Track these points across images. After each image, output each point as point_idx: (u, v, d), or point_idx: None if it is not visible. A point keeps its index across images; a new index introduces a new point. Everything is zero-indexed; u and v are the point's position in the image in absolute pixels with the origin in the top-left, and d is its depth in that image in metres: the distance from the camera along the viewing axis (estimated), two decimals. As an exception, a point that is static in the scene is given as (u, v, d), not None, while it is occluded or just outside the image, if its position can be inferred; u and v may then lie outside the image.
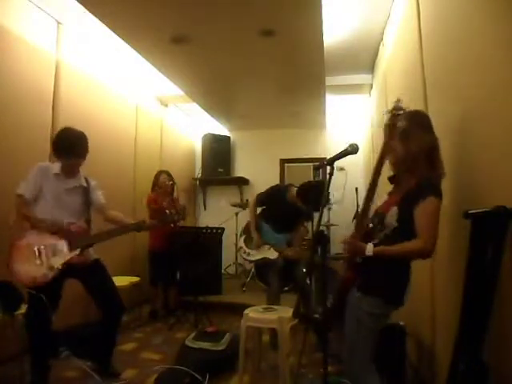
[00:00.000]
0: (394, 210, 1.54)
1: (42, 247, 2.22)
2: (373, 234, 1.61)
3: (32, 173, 2.34)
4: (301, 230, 3.36)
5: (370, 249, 1.50)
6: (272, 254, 3.26)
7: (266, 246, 3.30)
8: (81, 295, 3.37)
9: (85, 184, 2.52)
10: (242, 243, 3.49)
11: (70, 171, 2.45)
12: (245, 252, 3.40)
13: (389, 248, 1.50)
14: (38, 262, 2.19)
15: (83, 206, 2.49)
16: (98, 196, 2.60)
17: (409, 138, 1.55)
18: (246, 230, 3.51)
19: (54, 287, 2.24)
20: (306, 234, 3.49)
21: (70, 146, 2.38)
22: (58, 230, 2.29)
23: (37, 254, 2.20)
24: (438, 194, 1.47)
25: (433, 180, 1.50)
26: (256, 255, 3.33)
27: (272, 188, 3.43)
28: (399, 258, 1.52)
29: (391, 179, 1.72)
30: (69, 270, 2.28)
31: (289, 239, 3.30)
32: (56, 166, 2.43)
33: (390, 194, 1.72)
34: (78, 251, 2.30)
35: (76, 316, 3.22)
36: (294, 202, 3.17)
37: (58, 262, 2.21)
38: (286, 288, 4.60)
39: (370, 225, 1.66)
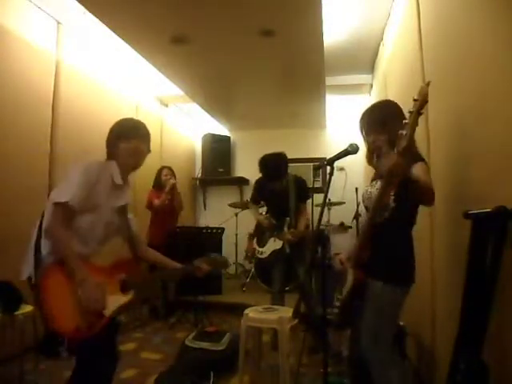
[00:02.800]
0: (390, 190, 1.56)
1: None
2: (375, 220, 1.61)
3: (80, 175, 1.62)
4: (303, 213, 3.26)
5: (412, 171, 1.45)
6: (279, 245, 3.25)
7: (271, 240, 3.30)
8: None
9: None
10: (255, 245, 3.51)
11: (128, 168, 1.80)
12: (258, 252, 3.41)
13: (420, 178, 1.46)
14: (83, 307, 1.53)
15: (120, 230, 1.85)
16: (131, 220, 1.94)
17: (386, 126, 1.63)
18: (256, 232, 3.54)
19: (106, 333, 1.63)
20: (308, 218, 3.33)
21: (133, 125, 1.85)
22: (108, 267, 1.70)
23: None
24: (422, 159, 1.58)
25: (415, 150, 1.57)
26: (266, 252, 3.33)
27: (255, 183, 3.49)
28: (423, 188, 1.44)
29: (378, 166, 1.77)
30: None
31: (288, 224, 3.25)
32: (115, 170, 1.74)
33: (375, 179, 1.74)
34: (131, 294, 1.70)
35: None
36: (281, 188, 3.20)
37: (109, 309, 1.59)
38: (287, 288, 4.61)
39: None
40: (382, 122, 1.65)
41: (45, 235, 1.57)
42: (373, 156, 1.75)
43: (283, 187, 3.21)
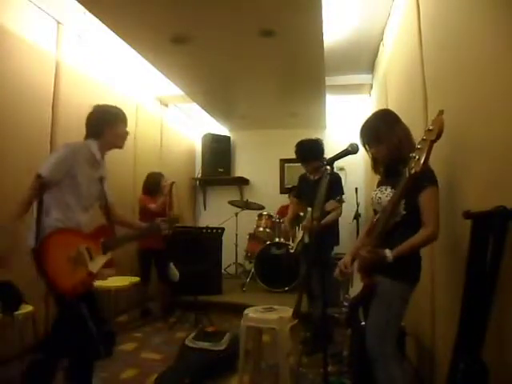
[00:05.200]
0: (401, 200, 1.61)
1: (81, 249, 1.90)
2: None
3: (61, 153, 1.95)
4: (334, 209, 3.12)
5: (389, 254, 1.56)
6: (301, 235, 3.28)
7: (298, 231, 3.35)
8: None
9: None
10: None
11: (111, 148, 2.14)
12: (291, 247, 3.51)
13: (403, 247, 1.58)
14: (78, 266, 1.85)
15: (99, 199, 2.15)
16: (107, 189, 2.19)
17: (381, 138, 1.70)
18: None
19: (90, 295, 1.99)
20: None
21: (123, 113, 2.17)
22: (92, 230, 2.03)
23: (76, 255, 1.85)
24: (435, 183, 1.61)
25: (429, 172, 1.60)
26: (294, 245, 3.38)
27: (299, 177, 3.49)
28: (414, 250, 1.62)
29: (385, 171, 1.81)
30: None
31: (311, 214, 3.20)
32: (93, 146, 2.04)
33: (390, 186, 1.75)
34: (109, 255, 2.01)
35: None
36: (314, 181, 3.20)
37: (95, 267, 1.92)
38: (287, 288, 4.62)
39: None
40: (376, 136, 1.72)
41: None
42: (377, 165, 1.82)
43: (316, 180, 3.19)
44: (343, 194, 3.29)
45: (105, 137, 2.09)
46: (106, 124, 2.10)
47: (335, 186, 3.15)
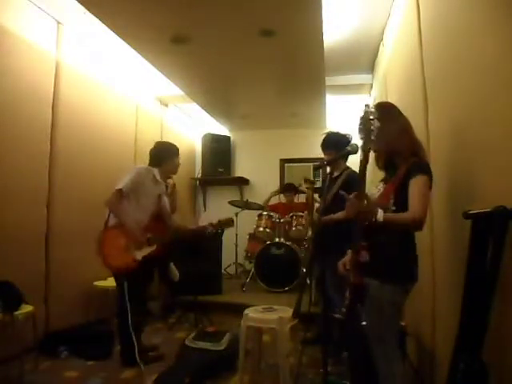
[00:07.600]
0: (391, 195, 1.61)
1: (131, 242, 2.69)
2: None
3: (134, 172, 2.75)
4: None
5: (380, 214, 1.48)
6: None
7: None
8: (81, 295, 3.38)
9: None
10: None
11: (169, 174, 3.01)
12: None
13: (392, 216, 1.54)
14: (126, 253, 2.65)
15: (160, 208, 2.91)
16: (164, 203, 2.96)
17: (381, 132, 1.62)
18: None
19: (144, 273, 2.78)
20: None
21: (174, 148, 2.99)
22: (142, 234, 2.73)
23: (125, 246, 2.65)
24: (427, 172, 1.57)
25: (421, 163, 1.59)
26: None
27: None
28: (398, 226, 1.56)
29: (385, 166, 1.79)
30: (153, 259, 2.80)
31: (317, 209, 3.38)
32: (156, 172, 2.84)
33: (384, 181, 1.76)
34: (155, 246, 2.76)
35: (76, 316, 3.22)
36: (325, 177, 3.37)
37: (140, 255, 2.69)
38: (287, 288, 4.62)
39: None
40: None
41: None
42: (378, 160, 1.80)
43: (325, 176, 3.25)
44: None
45: (165, 166, 2.90)
46: (167, 157, 2.91)
47: (348, 187, 2.96)
